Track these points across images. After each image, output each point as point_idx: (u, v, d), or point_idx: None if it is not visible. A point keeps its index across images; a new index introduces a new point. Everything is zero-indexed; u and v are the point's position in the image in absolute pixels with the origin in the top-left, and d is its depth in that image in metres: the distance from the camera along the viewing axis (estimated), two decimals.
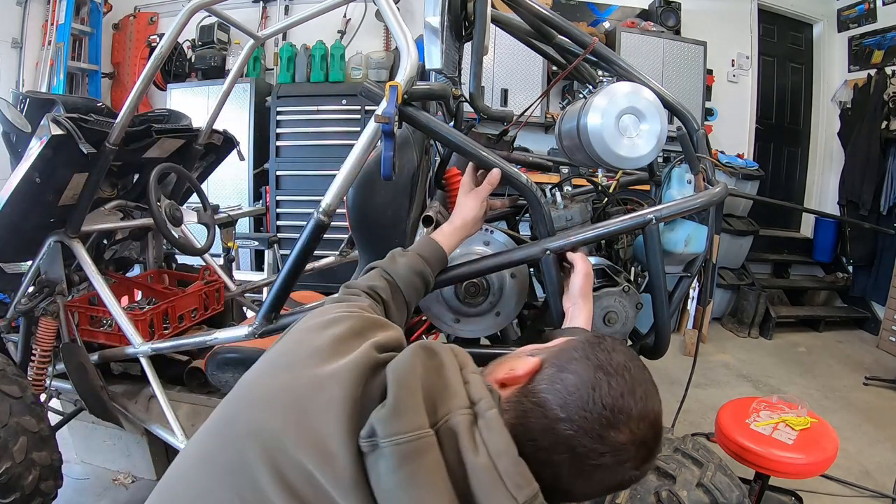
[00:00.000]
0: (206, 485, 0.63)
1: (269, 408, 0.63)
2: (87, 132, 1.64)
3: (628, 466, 0.64)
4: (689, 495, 1.14)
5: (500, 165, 1.24)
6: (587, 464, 0.63)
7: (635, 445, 0.64)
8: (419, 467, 0.56)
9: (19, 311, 1.84)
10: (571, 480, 0.64)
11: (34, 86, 4.41)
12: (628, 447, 0.63)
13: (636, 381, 0.68)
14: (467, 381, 0.66)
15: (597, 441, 0.63)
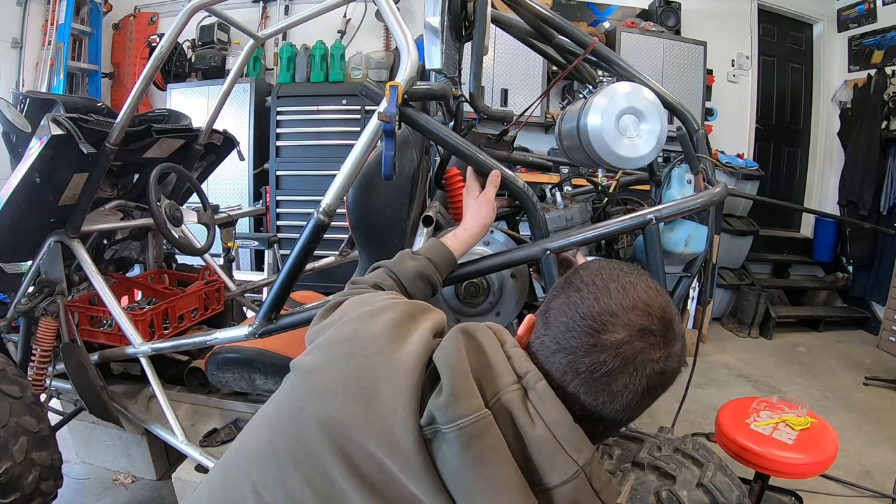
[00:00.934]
0: (275, 476, 0.64)
1: (335, 398, 0.64)
2: (87, 132, 1.64)
3: (645, 360, 0.63)
4: (689, 495, 1.14)
5: (497, 168, 1.25)
6: (598, 378, 0.62)
7: (638, 337, 0.63)
8: (482, 447, 0.58)
9: (19, 311, 1.84)
10: (596, 402, 0.64)
11: (34, 86, 4.40)
12: (630, 342, 0.62)
13: (609, 280, 0.66)
14: (510, 357, 0.67)
15: (592, 352, 0.62)
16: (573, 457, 0.60)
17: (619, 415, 0.65)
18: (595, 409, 0.64)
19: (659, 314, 0.64)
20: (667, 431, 1.40)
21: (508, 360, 0.66)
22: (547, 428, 0.60)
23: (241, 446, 0.72)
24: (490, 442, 0.59)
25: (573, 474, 0.59)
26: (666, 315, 0.65)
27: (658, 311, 0.65)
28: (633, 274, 0.68)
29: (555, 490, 0.59)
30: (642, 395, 0.64)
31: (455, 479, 0.59)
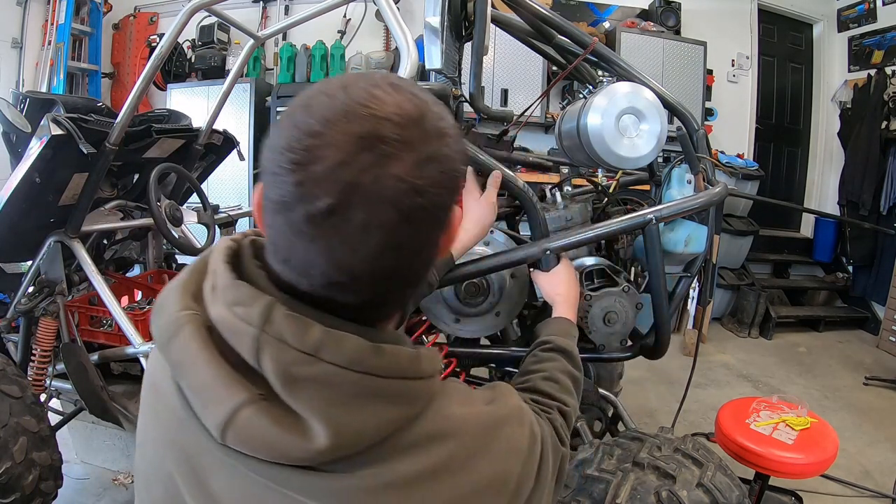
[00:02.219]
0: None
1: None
2: (87, 132, 1.64)
3: (380, 178, 0.43)
4: (689, 495, 1.14)
5: (497, 168, 1.25)
6: (322, 228, 0.44)
7: (359, 150, 0.43)
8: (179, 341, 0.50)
9: (19, 311, 1.84)
10: (334, 259, 0.45)
11: (34, 86, 4.40)
12: (347, 162, 0.43)
13: (317, 92, 0.47)
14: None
15: (303, 195, 0.43)
16: (247, 322, 0.47)
17: (375, 266, 0.46)
18: (339, 268, 0.46)
19: (393, 110, 0.44)
20: (667, 431, 1.40)
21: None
22: (223, 306, 0.49)
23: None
24: (185, 334, 0.49)
25: (254, 343, 0.46)
26: (404, 110, 0.45)
27: (391, 107, 0.45)
28: (357, 76, 0.48)
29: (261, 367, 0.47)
30: (398, 229, 0.45)
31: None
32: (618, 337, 1.42)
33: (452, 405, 0.54)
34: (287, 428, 0.46)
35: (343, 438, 0.46)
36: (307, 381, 0.46)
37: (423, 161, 0.45)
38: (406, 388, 0.50)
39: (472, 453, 0.53)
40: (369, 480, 0.48)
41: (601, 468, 1.24)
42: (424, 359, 0.52)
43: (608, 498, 1.17)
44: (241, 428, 0.47)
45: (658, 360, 1.51)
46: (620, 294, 1.37)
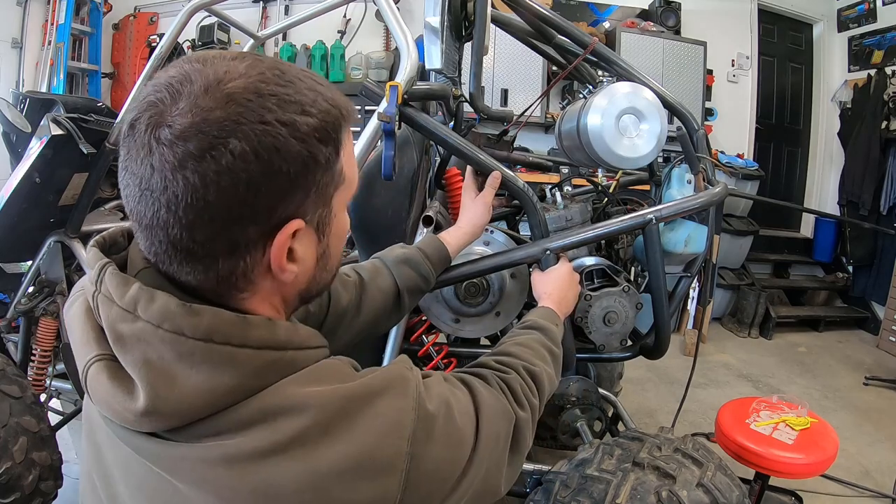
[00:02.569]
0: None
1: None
2: (87, 132, 1.64)
3: (151, 132, 0.45)
4: (689, 495, 1.14)
5: (497, 168, 1.25)
6: (128, 187, 0.48)
7: (142, 114, 0.46)
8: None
9: (19, 311, 1.84)
10: (144, 216, 0.47)
11: (34, 86, 4.40)
12: (135, 125, 0.46)
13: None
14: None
15: (123, 172, 0.48)
16: (91, 282, 0.50)
17: (179, 215, 0.46)
18: (149, 224, 0.47)
19: (176, 79, 0.46)
20: (667, 431, 1.40)
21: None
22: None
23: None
24: (76, 304, 0.53)
25: (94, 301, 0.50)
26: (185, 76, 0.46)
27: (176, 76, 0.46)
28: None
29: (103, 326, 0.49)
30: (173, 174, 0.44)
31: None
32: (618, 337, 1.42)
33: (307, 382, 0.50)
34: (118, 385, 0.47)
35: (161, 402, 0.46)
36: (129, 338, 0.47)
37: (179, 112, 0.45)
38: (228, 355, 0.47)
39: (330, 429, 0.48)
40: (211, 452, 0.46)
41: (601, 468, 1.24)
42: (259, 326, 0.49)
43: (608, 498, 1.17)
44: (90, 381, 0.49)
45: (658, 360, 1.52)
46: (620, 294, 1.37)
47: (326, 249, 0.57)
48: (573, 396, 1.66)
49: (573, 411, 1.67)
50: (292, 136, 0.47)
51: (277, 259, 0.51)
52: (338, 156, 0.52)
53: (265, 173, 0.46)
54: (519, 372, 0.80)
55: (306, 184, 0.50)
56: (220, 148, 0.44)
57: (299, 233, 0.51)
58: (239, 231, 0.48)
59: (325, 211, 0.54)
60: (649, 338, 1.49)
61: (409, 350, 1.48)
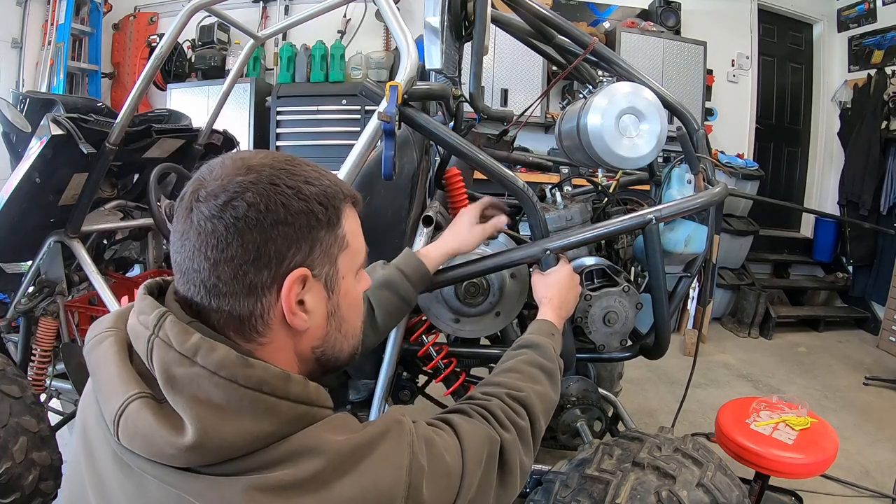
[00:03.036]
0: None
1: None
2: (87, 132, 1.64)
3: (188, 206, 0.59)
4: (689, 495, 1.14)
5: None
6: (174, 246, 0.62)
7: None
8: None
9: (19, 311, 1.84)
10: (182, 263, 0.60)
11: (34, 86, 4.40)
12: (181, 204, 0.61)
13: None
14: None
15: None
16: (145, 326, 0.57)
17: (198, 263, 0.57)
18: (187, 269, 0.58)
19: (215, 163, 0.61)
20: (667, 431, 1.40)
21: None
22: (134, 316, 0.60)
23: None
24: (105, 344, 0.61)
25: (147, 344, 0.56)
26: (221, 161, 0.61)
27: (215, 162, 0.61)
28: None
29: (152, 365, 0.56)
30: (204, 223, 0.56)
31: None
32: (618, 337, 1.42)
33: (326, 431, 0.58)
34: (163, 422, 0.52)
35: (208, 439, 0.51)
36: (183, 380, 0.53)
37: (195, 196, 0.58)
38: (272, 405, 0.55)
39: (341, 470, 0.55)
40: (240, 482, 0.52)
41: (601, 468, 1.24)
42: (297, 383, 0.57)
43: (608, 498, 1.17)
44: (128, 417, 0.53)
45: (658, 360, 1.52)
46: (620, 294, 1.37)
47: (337, 309, 0.65)
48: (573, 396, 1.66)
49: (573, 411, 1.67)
50: (296, 196, 0.58)
51: (288, 302, 0.59)
52: (339, 222, 0.63)
53: (274, 223, 0.57)
54: (501, 398, 0.85)
55: (310, 238, 0.60)
56: (239, 199, 0.56)
57: (308, 284, 0.60)
58: (254, 273, 0.57)
59: (332, 270, 0.63)
60: (649, 338, 1.49)
61: (409, 350, 1.48)
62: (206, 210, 0.56)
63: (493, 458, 0.75)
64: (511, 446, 0.78)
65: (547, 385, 0.94)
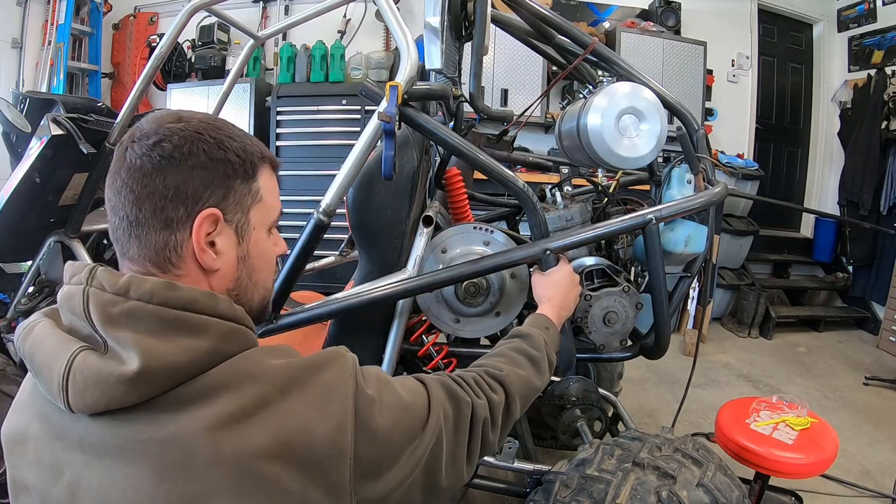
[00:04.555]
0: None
1: None
2: (87, 132, 1.64)
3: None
4: (689, 495, 1.14)
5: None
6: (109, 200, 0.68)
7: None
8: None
9: (19, 311, 1.84)
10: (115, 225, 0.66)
11: (34, 86, 4.40)
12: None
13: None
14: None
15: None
16: (78, 283, 0.60)
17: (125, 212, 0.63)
18: (114, 206, 0.64)
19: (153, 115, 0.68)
20: (667, 431, 1.40)
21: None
22: (66, 284, 0.63)
23: None
24: (38, 327, 0.64)
25: (83, 296, 0.59)
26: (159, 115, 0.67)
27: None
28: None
29: (89, 315, 0.59)
30: (133, 160, 0.62)
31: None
32: (618, 337, 1.42)
33: (265, 355, 0.62)
34: (109, 360, 0.56)
35: (154, 362, 0.55)
36: (120, 316, 0.57)
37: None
38: (204, 323, 0.59)
39: (286, 391, 0.59)
40: (200, 425, 0.55)
41: (601, 468, 1.24)
42: (224, 301, 0.62)
43: (608, 498, 1.17)
44: (76, 371, 0.55)
45: (658, 360, 1.52)
46: (620, 294, 1.37)
47: (247, 256, 0.70)
48: (573, 396, 1.66)
49: (573, 411, 1.67)
50: (217, 146, 0.65)
51: (197, 237, 0.64)
52: (254, 177, 0.69)
53: (194, 165, 0.63)
54: (478, 372, 0.88)
55: (225, 185, 0.66)
56: (167, 141, 0.62)
57: (220, 227, 0.66)
58: (171, 209, 0.62)
59: (244, 219, 0.68)
60: (649, 338, 1.49)
61: (410, 350, 1.48)
62: (138, 149, 0.62)
63: (464, 419, 0.77)
64: (481, 411, 0.80)
65: (529, 371, 0.95)
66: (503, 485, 1.59)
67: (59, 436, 0.59)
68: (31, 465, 0.62)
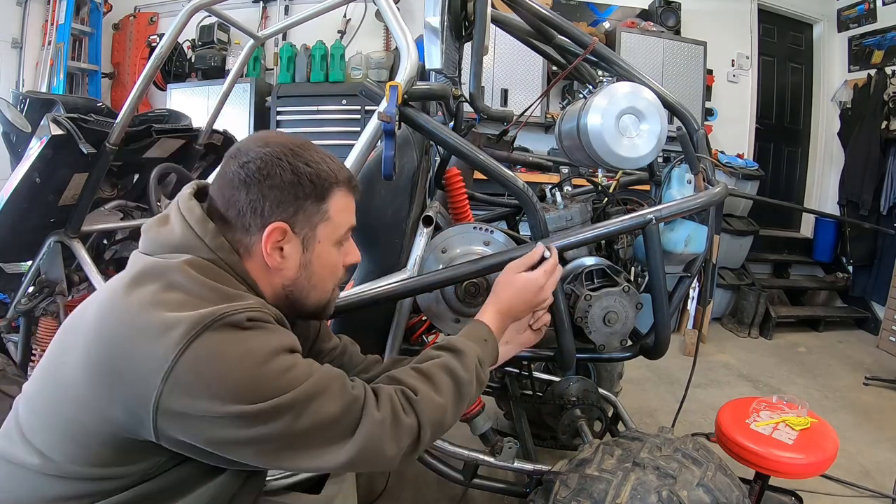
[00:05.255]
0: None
1: None
2: (87, 132, 1.64)
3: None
4: (689, 495, 1.14)
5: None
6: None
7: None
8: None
9: (19, 311, 1.84)
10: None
11: (34, 86, 4.40)
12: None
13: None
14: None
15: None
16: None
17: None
18: (218, 189, 0.84)
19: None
20: (667, 431, 1.40)
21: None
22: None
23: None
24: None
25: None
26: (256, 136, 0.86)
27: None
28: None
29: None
30: (233, 170, 0.81)
31: None
32: (618, 337, 1.42)
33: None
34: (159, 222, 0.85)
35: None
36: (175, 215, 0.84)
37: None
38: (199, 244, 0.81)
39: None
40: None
41: (601, 468, 1.24)
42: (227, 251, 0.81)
43: (608, 498, 1.17)
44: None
45: (658, 360, 1.51)
46: (620, 294, 1.37)
47: (309, 265, 0.84)
48: (573, 396, 1.67)
49: (573, 411, 1.67)
50: (292, 171, 0.80)
51: (266, 242, 0.80)
52: (325, 199, 0.83)
53: (270, 186, 0.79)
54: (393, 390, 0.83)
55: (295, 204, 0.81)
56: (253, 163, 0.79)
57: (287, 237, 0.81)
58: (249, 216, 0.80)
59: (310, 234, 0.83)
60: (649, 338, 1.49)
61: (410, 350, 1.48)
62: (233, 164, 0.80)
63: (341, 396, 0.75)
64: (367, 398, 0.78)
65: (449, 398, 0.87)
66: (503, 485, 1.59)
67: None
68: None
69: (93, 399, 0.69)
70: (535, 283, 1.12)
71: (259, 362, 0.69)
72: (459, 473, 1.51)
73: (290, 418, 0.70)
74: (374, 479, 2.00)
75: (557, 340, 1.36)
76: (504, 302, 1.10)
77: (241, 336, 0.69)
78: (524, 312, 1.14)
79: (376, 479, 2.00)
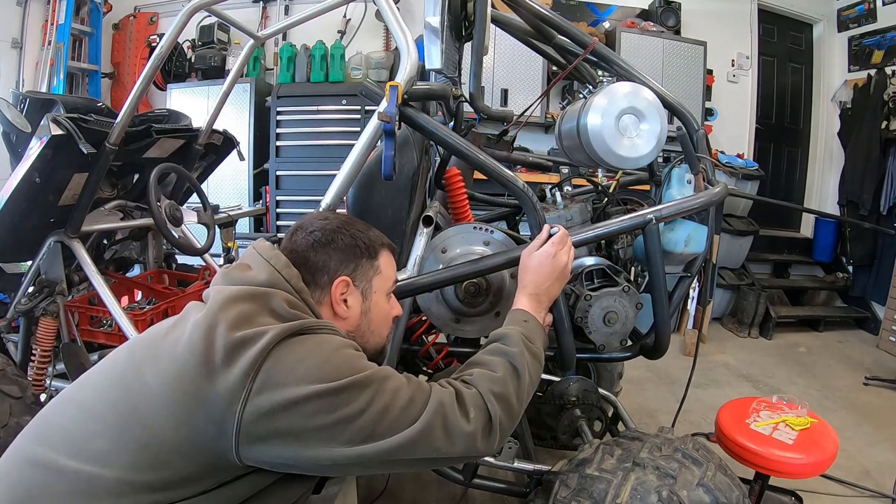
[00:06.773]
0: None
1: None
2: (87, 132, 1.64)
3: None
4: (689, 495, 1.14)
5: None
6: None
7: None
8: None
9: (19, 311, 1.84)
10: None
11: (34, 86, 4.40)
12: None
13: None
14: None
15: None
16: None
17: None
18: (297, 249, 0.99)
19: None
20: (667, 431, 1.40)
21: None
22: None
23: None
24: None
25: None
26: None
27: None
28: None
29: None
30: (304, 237, 0.99)
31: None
32: (618, 337, 1.42)
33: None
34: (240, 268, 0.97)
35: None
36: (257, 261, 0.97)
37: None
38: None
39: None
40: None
41: (601, 468, 1.24)
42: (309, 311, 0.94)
43: (608, 498, 1.17)
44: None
45: (658, 360, 1.51)
46: (620, 294, 1.37)
47: (368, 312, 1.00)
48: (573, 396, 1.66)
49: (573, 411, 1.67)
50: (350, 236, 0.99)
51: (334, 294, 0.96)
52: (376, 257, 1.01)
53: (333, 249, 0.97)
54: (459, 380, 0.94)
55: (354, 262, 0.98)
56: (317, 232, 0.98)
57: (350, 289, 0.98)
58: (320, 275, 0.96)
59: (367, 285, 1.00)
60: (649, 338, 1.49)
61: (410, 350, 1.48)
62: (300, 234, 0.98)
63: (410, 393, 0.84)
64: (444, 395, 0.86)
65: (503, 370, 0.95)
66: (503, 485, 1.59)
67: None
68: None
69: (176, 408, 0.75)
70: (547, 255, 1.16)
71: (335, 348, 0.82)
72: (459, 473, 1.51)
73: (369, 394, 0.79)
74: (375, 480, 2.00)
75: (557, 340, 1.36)
76: (529, 284, 1.15)
77: (319, 336, 0.83)
78: (555, 286, 1.17)
79: (376, 479, 2.00)
